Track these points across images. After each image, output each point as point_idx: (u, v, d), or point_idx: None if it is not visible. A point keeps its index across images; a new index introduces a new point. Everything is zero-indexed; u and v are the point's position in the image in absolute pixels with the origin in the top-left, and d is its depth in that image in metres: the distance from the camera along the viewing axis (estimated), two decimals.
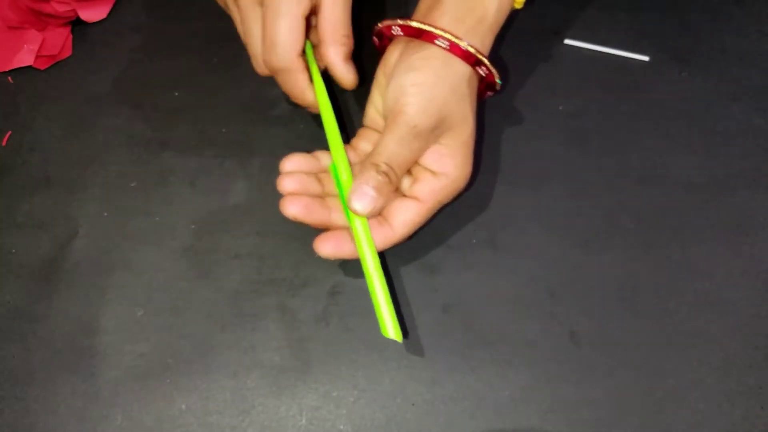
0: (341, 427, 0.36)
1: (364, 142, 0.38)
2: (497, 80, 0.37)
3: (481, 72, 0.36)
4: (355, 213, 0.34)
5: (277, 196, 0.41)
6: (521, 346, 0.37)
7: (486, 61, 0.35)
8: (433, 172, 0.35)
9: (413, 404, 0.36)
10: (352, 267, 0.39)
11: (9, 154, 0.42)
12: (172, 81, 0.45)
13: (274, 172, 0.42)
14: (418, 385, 0.36)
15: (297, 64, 0.36)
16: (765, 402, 0.36)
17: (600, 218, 0.40)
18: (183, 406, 0.36)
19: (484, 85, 0.38)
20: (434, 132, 0.34)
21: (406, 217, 0.34)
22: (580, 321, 0.38)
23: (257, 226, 0.40)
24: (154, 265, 0.39)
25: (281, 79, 0.37)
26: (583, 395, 0.36)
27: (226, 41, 0.47)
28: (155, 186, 0.42)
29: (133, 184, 0.42)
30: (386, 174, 0.33)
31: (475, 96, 0.37)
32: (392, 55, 0.37)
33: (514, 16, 0.40)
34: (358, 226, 0.34)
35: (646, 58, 0.45)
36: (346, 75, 0.37)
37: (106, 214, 0.41)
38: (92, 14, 0.46)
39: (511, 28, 0.47)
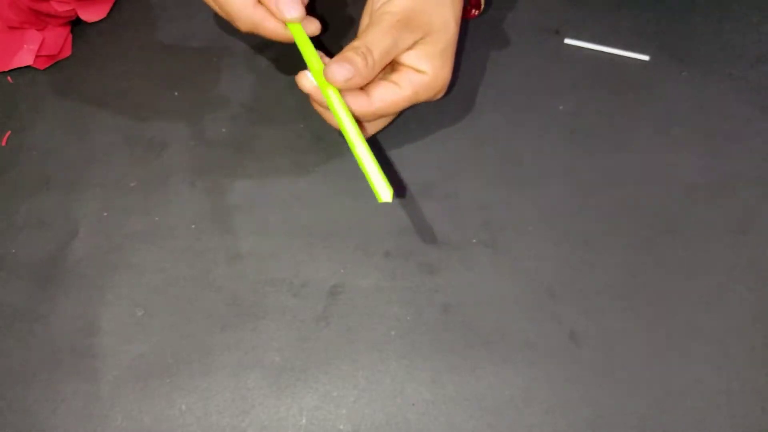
0: (341, 427, 0.36)
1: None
2: None
3: None
4: (331, 81, 0.35)
5: (277, 196, 0.41)
6: (521, 346, 0.37)
7: None
8: (414, 69, 0.37)
9: (413, 404, 0.36)
10: (352, 267, 0.39)
11: (9, 154, 0.42)
12: (172, 81, 0.45)
13: (275, 172, 0.42)
14: (418, 385, 0.36)
15: (257, 15, 0.38)
16: (765, 402, 0.36)
17: (600, 218, 0.40)
18: (183, 406, 0.36)
19: (470, 4, 0.39)
20: (414, 33, 0.36)
21: (383, 95, 0.36)
22: (580, 321, 0.38)
23: (257, 226, 0.40)
24: (154, 265, 0.39)
25: (259, 34, 0.39)
26: (583, 395, 0.36)
27: (226, 41, 0.47)
28: (155, 186, 0.42)
29: (133, 184, 0.42)
30: (364, 55, 0.35)
31: (459, 6, 0.38)
32: None
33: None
34: (332, 94, 0.35)
35: (646, 58, 0.45)
36: (282, 9, 0.38)
37: (106, 214, 0.41)
38: (92, 14, 0.46)
39: (511, 27, 0.47)
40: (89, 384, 0.36)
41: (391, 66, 0.38)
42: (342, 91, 0.35)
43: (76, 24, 0.47)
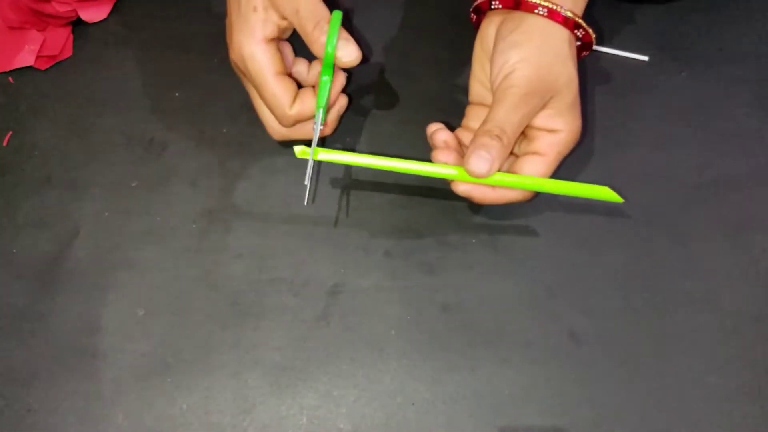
0: (341, 426, 0.36)
1: (473, 121, 0.39)
2: (593, 38, 0.38)
3: (579, 34, 0.37)
4: (473, 176, 0.35)
5: (277, 196, 0.41)
6: (521, 346, 0.37)
7: (583, 23, 0.36)
8: (548, 130, 0.37)
9: (413, 404, 0.36)
10: (352, 267, 0.39)
11: (10, 154, 0.42)
12: (172, 81, 0.45)
13: (275, 172, 0.42)
14: (418, 384, 0.36)
15: (293, 113, 0.38)
16: (765, 402, 0.36)
17: (600, 218, 0.40)
18: (184, 406, 0.36)
19: (580, 46, 0.39)
20: (542, 98, 0.36)
21: (532, 170, 0.36)
22: (580, 320, 0.38)
23: (257, 226, 0.40)
24: (155, 265, 0.39)
25: (302, 133, 0.40)
26: (583, 395, 0.36)
27: (226, 41, 0.47)
28: (156, 186, 0.42)
29: (133, 184, 0.42)
30: (499, 137, 0.35)
31: (575, 56, 0.38)
32: (488, 28, 0.38)
33: None
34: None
35: (645, 58, 0.45)
36: (345, 51, 0.37)
37: (107, 214, 0.41)
38: (93, 14, 0.46)
39: None
40: (90, 383, 0.36)
41: (529, 134, 0.37)
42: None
43: (76, 24, 0.47)
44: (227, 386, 0.36)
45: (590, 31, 0.37)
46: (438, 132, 0.38)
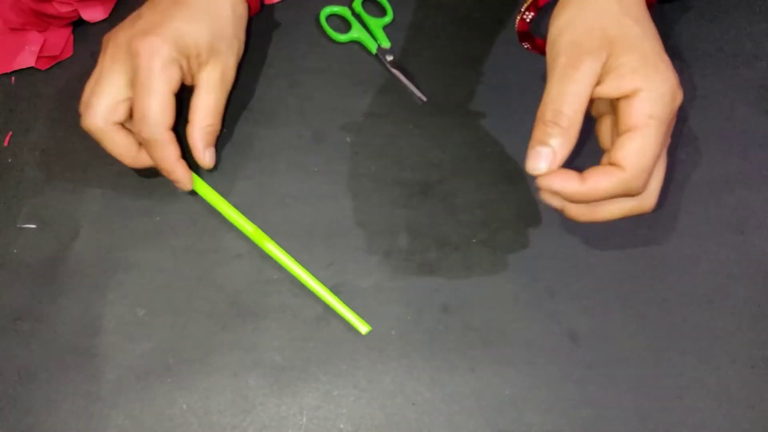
0: (342, 426, 0.36)
1: (601, 136, 0.36)
2: None
3: None
4: (538, 173, 0.31)
5: (277, 195, 0.41)
6: (521, 346, 0.37)
7: None
8: (626, 96, 0.31)
9: (413, 403, 0.36)
10: (352, 267, 0.39)
11: (10, 154, 0.43)
12: None
13: (275, 172, 0.42)
14: (418, 384, 0.36)
15: (167, 136, 0.36)
16: (765, 402, 0.36)
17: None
18: (184, 406, 0.36)
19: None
20: (596, 56, 0.30)
21: (628, 149, 0.30)
22: (580, 320, 0.38)
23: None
24: (155, 265, 0.39)
25: (152, 152, 0.37)
26: (583, 395, 0.36)
27: None
28: (156, 186, 0.42)
29: (134, 184, 0.42)
30: (554, 122, 0.30)
31: (639, 5, 0.33)
32: (555, 15, 0.34)
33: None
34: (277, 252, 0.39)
35: None
36: (201, 158, 0.39)
37: (107, 214, 0.41)
38: (94, 14, 0.46)
39: (509, 28, 0.47)
40: (90, 383, 0.36)
41: (613, 115, 0.33)
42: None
43: (77, 24, 0.47)
44: (227, 386, 0.36)
45: None
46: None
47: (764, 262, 0.39)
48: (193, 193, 0.40)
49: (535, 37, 0.37)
